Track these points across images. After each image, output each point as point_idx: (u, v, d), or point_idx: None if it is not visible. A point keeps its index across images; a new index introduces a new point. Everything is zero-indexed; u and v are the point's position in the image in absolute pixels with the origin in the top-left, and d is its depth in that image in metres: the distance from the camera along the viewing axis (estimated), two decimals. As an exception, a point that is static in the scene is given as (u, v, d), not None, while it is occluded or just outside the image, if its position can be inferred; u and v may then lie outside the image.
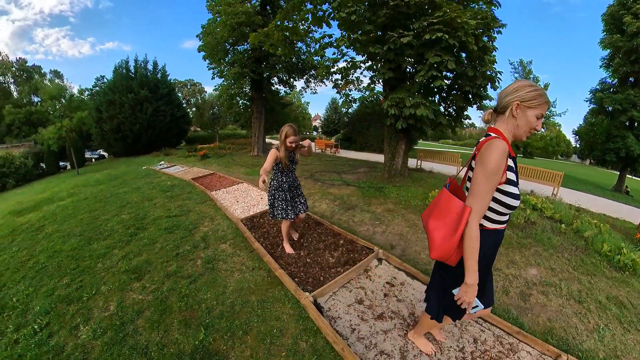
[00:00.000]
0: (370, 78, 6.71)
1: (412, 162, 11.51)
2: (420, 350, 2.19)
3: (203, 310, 2.60)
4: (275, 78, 14.85)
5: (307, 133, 45.22)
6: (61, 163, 21.53)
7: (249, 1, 11.40)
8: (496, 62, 6.34)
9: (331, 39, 6.96)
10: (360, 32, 5.78)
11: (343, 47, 6.65)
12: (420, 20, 5.47)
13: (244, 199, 6.01)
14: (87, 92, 34.55)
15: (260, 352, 2.12)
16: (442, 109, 6.94)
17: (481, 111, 7.55)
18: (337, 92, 7.33)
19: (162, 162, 13.57)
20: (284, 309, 2.52)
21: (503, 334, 2.46)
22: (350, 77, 7.19)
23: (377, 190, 6.37)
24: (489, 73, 6.07)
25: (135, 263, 3.51)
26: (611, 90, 16.87)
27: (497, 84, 6.25)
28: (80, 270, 3.51)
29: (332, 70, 7.31)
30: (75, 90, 33.06)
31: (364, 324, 2.43)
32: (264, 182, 2.72)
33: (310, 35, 8.50)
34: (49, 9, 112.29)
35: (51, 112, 16.27)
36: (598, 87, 17.66)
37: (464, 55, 6.03)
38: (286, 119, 22.32)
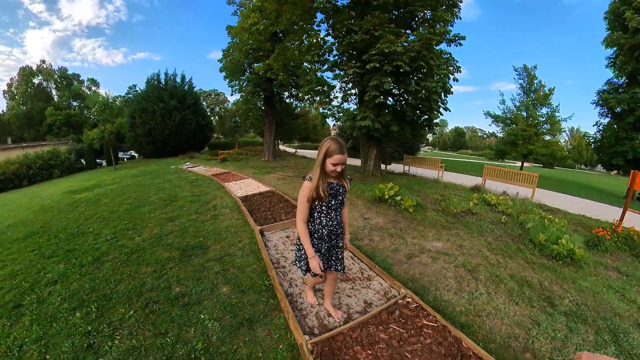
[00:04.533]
0: (342, 98, 8.82)
1: (400, 168, 13.36)
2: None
3: (204, 233, 4.55)
4: (285, 93, 17.09)
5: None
6: (97, 160, 24.40)
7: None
8: (452, 74, 8.01)
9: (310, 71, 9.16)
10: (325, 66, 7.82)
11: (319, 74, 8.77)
12: (367, 53, 7.37)
13: (246, 188, 8.01)
14: (119, 99, 38.08)
15: (225, 248, 4.00)
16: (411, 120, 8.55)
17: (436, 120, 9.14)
18: (315, 110, 9.81)
19: (188, 163, 15.88)
20: (245, 234, 4.40)
21: (366, 267, 3.42)
22: (330, 97, 9.20)
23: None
24: (433, 86, 7.52)
25: (170, 215, 5.52)
26: (620, 90, 15.90)
27: (437, 95, 7.78)
28: (134, 218, 5.55)
29: (312, 91, 9.29)
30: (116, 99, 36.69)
31: (282, 245, 4.08)
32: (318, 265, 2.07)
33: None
34: (86, 21, 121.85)
35: (93, 117, 19.24)
36: (605, 87, 16.72)
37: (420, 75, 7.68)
38: (297, 129, 24.46)
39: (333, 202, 2.18)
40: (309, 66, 8.89)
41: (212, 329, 2.41)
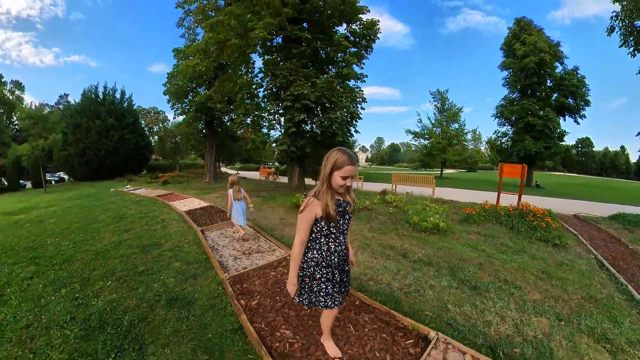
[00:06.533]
0: (267, 127, 11.10)
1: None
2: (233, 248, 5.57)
3: (157, 236, 5.92)
4: (226, 117, 18.50)
5: (270, 163, 49.17)
6: (20, 181, 22.21)
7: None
8: (359, 104, 10.78)
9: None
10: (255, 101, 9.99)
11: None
12: (283, 94, 9.69)
13: (189, 205, 9.36)
14: (47, 108, 33.60)
15: (175, 243, 5.41)
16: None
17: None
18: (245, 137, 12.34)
19: (128, 186, 16.09)
20: (190, 234, 5.89)
21: (274, 246, 5.17)
22: (260, 125, 11.34)
23: (271, 198, 10.16)
24: (335, 116, 10.05)
25: (123, 228, 6.67)
26: (515, 103, 20.97)
27: (339, 123, 10.23)
28: (89, 231, 6.57)
29: (243, 123, 11.46)
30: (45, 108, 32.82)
31: (217, 238, 5.64)
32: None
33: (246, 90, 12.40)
34: (16, 11, 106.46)
35: (17, 129, 17.52)
36: (503, 101, 22.02)
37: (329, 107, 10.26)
38: (238, 151, 25.68)
39: (342, 222, 1.97)
40: (246, 101, 10.78)
41: (169, 282, 3.95)
